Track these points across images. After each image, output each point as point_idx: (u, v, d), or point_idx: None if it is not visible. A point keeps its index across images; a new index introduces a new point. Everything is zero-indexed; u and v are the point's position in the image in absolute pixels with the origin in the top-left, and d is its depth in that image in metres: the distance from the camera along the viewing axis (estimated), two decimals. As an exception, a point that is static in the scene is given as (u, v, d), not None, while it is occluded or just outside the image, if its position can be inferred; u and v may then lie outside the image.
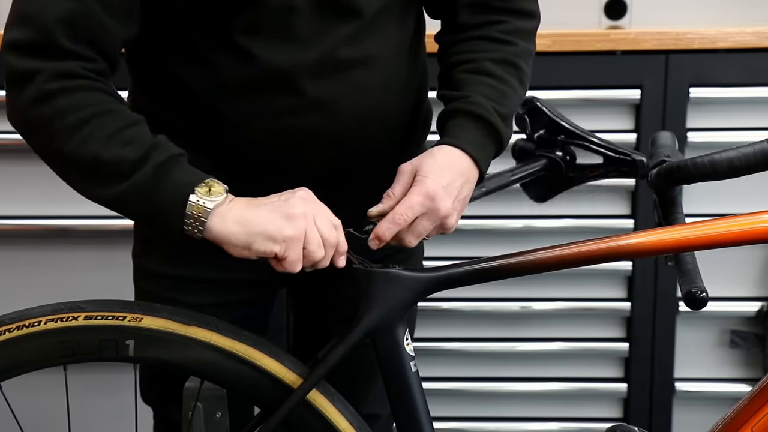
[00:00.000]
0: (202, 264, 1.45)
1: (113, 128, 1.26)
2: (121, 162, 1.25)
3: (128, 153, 1.25)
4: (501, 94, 1.42)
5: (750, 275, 2.30)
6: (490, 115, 1.39)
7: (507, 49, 1.45)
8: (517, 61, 1.46)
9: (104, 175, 1.26)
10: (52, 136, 1.26)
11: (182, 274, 1.48)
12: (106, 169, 1.25)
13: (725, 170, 1.33)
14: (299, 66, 1.34)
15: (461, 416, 2.38)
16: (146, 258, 1.54)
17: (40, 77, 1.25)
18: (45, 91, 1.26)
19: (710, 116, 2.25)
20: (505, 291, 2.28)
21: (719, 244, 1.31)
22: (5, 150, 2.29)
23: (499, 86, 1.43)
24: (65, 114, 1.25)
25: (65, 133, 1.25)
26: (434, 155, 1.36)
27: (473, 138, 1.39)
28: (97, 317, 1.30)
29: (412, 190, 1.33)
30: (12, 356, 1.30)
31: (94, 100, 1.27)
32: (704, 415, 2.06)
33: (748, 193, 2.05)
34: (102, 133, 1.25)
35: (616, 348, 2.34)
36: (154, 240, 1.51)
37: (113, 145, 1.25)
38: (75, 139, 1.25)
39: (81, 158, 1.26)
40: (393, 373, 1.35)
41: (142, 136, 1.27)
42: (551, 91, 2.22)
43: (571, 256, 1.32)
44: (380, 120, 1.43)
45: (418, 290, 1.33)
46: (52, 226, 2.31)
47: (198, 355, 1.32)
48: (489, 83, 1.42)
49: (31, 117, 1.27)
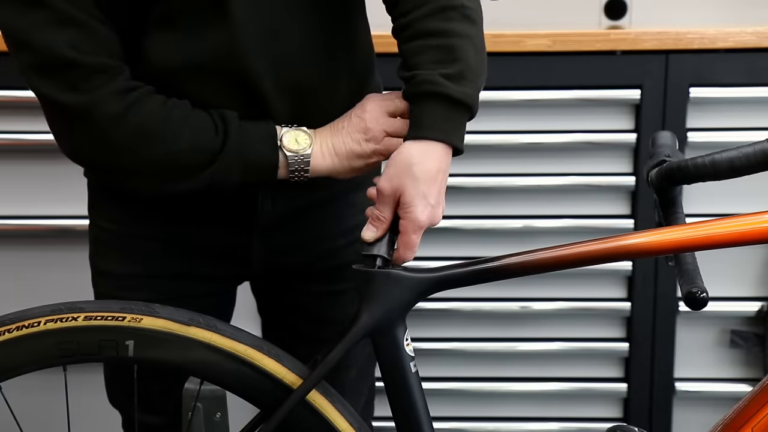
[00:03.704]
0: (154, 261, 1.50)
1: (183, 117, 1.36)
2: (212, 144, 1.36)
3: (212, 134, 1.36)
4: (446, 51, 1.32)
5: (750, 275, 2.30)
6: (437, 87, 1.31)
7: None
8: (452, 2, 1.34)
9: (201, 162, 1.36)
10: (146, 146, 1.35)
11: (135, 272, 1.51)
12: (201, 156, 1.36)
13: (726, 170, 1.33)
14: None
15: (461, 416, 2.38)
16: (100, 258, 1.56)
17: (103, 106, 1.33)
18: (117, 113, 1.34)
19: (710, 116, 2.25)
20: (505, 291, 2.28)
21: (720, 245, 1.31)
22: (5, 150, 2.29)
23: (442, 43, 1.33)
24: (145, 124, 1.35)
25: (157, 139, 1.35)
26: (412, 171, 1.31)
27: (434, 120, 1.32)
28: (96, 318, 1.30)
29: (405, 227, 1.31)
30: (11, 357, 1.30)
31: (158, 102, 1.36)
32: (704, 415, 2.06)
33: (748, 193, 2.05)
34: (181, 126, 1.35)
35: (616, 348, 2.33)
36: (106, 239, 1.54)
37: (200, 131, 1.36)
38: (168, 140, 1.35)
39: (177, 153, 1.35)
40: (393, 374, 1.35)
41: (207, 116, 1.38)
42: (551, 91, 2.22)
43: (571, 256, 1.32)
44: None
45: (419, 290, 1.33)
46: (52, 226, 2.31)
47: (197, 356, 1.32)
48: (429, 45, 1.33)
49: (116, 139, 1.35)
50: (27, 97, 2.22)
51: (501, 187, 2.28)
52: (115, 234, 1.53)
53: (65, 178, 2.28)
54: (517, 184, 2.28)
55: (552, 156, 2.27)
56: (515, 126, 2.26)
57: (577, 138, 2.26)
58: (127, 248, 1.52)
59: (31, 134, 2.26)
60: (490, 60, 1.41)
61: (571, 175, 2.27)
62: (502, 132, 2.26)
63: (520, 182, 2.27)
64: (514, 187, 2.28)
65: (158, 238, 1.51)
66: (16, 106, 2.26)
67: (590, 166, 2.28)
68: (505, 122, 2.25)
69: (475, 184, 2.27)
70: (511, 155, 2.27)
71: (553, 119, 2.25)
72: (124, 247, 1.53)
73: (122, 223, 1.52)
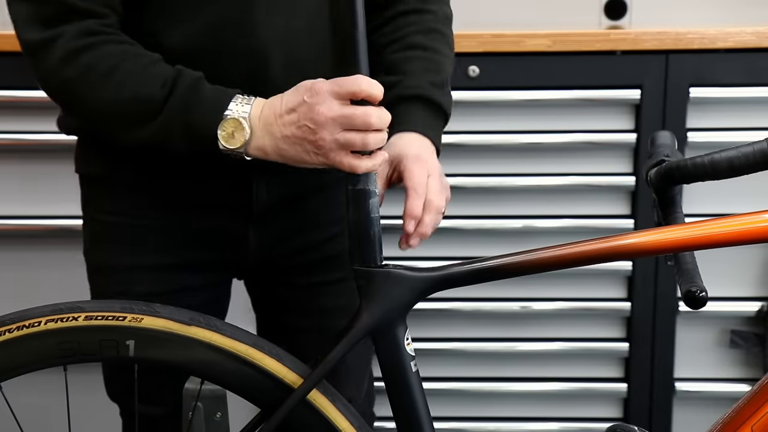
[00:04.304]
0: (151, 251, 1.51)
1: (141, 67, 1.35)
2: (154, 96, 1.33)
3: (158, 86, 1.33)
4: (433, 63, 1.46)
5: (750, 275, 2.30)
6: (426, 92, 1.43)
7: (427, 17, 1.49)
8: (440, 27, 1.50)
9: (144, 113, 1.34)
10: (86, 91, 1.35)
11: (132, 263, 1.52)
12: (143, 106, 1.34)
13: (725, 170, 1.33)
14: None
15: (461, 416, 2.38)
16: (96, 254, 1.57)
17: (62, 40, 1.34)
18: (71, 49, 1.34)
19: (710, 116, 2.25)
20: (505, 291, 2.28)
21: (719, 244, 1.31)
22: (5, 150, 2.29)
23: (430, 56, 1.46)
24: (95, 66, 1.34)
25: (99, 83, 1.35)
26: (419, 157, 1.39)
27: (422, 120, 1.43)
28: (97, 317, 1.30)
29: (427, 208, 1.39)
30: (12, 357, 1.30)
31: (118, 50, 1.35)
32: (704, 415, 2.06)
33: (748, 193, 2.05)
34: (132, 74, 1.34)
35: (616, 348, 2.33)
36: (104, 233, 1.55)
37: (146, 82, 1.34)
38: (110, 86, 1.34)
39: (117, 105, 1.34)
40: (393, 374, 1.35)
41: (166, 70, 1.35)
42: (551, 91, 2.22)
43: (571, 256, 1.32)
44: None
45: (419, 290, 1.33)
46: (52, 226, 2.31)
47: (198, 355, 1.31)
48: (419, 56, 1.45)
49: (62, 77, 1.36)
50: (27, 97, 2.24)
51: (501, 187, 2.28)
52: (113, 226, 1.54)
53: (65, 178, 2.27)
54: (517, 184, 2.28)
55: (552, 156, 2.27)
56: (515, 126, 2.26)
57: (577, 138, 2.26)
58: (126, 239, 1.53)
59: (31, 134, 2.26)
60: (491, 59, 1.44)
61: (571, 175, 2.27)
62: (502, 132, 2.26)
63: (520, 182, 2.27)
64: (514, 187, 2.28)
65: (157, 228, 1.52)
66: (16, 106, 2.26)
67: (590, 166, 2.28)
68: (505, 122, 2.25)
69: (475, 184, 2.27)
70: (511, 155, 2.27)
71: (553, 119, 2.25)
72: (123, 238, 1.53)
73: (121, 215, 1.53)
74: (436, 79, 1.45)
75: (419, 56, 1.46)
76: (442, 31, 1.50)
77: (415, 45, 1.46)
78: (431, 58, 1.46)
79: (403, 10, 1.49)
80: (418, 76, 1.44)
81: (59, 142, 2.25)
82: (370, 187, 1.31)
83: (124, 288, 1.50)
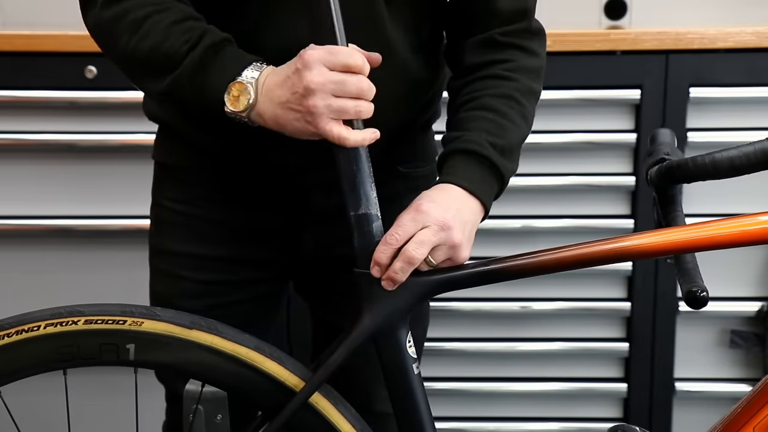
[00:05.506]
0: (212, 242, 1.54)
1: (169, 22, 1.35)
2: (177, 51, 1.34)
3: (181, 42, 1.34)
4: (499, 127, 1.41)
5: (750, 275, 2.30)
6: (482, 149, 1.38)
7: (508, 84, 1.44)
8: (518, 96, 1.44)
9: (163, 65, 1.35)
10: (118, 35, 1.37)
11: (193, 252, 1.55)
12: (163, 58, 1.34)
13: (726, 169, 1.32)
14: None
15: (461, 416, 2.38)
16: (159, 237, 1.61)
17: None
18: None
19: (710, 116, 2.25)
20: (505, 291, 2.28)
21: (720, 246, 1.31)
22: (5, 150, 2.29)
23: (498, 119, 1.41)
24: (126, 14, 1.36)
25: (127, 31, 1.36)
26: (419, 207, 1.32)
27: (470, 174, 1.38)
28: (97, 321, 1.29)
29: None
30: (11, 361, 1.29)
31: (158, 0, 1.37)
32: (704, 415, 2.06)
33: (748, 193, 2.06)
34: (159, 27, 1.35)
35: (616, 348, 2.34)
36: (167, 219, 1.58)
37: (170, 35, 1.34)
38: (136, 36, 1.35)
39: (142, 53, 1.35)
40: (395, 376, 1.35)
41: (194, 27, 1.35)
42: (551, 91, 2.22)
43: (572, 258, 1.32)
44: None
45: (420, 293, 1.33)
46: (52, 226, 2.31)
47: (199, 359, 1.31)
48: (486, 117, 1.41)
49: (100, 17, 1.39)
50: (27, 97, 2.24)
51: (501, 187, 2.28)
52: (176, 214, 1.57)
53: (65, 178, 2.29)
54: (517, 184, 2.27)
55: (552, 156, 2.27)
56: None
57: (577, 138, 2.26)
58: (189, 228, 1.56)
59: (31, 134, 2.26)
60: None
61: (571, 175, 2.27)
62: (502, 132, 2.26)
63: (520, 182, 2.27)
64: (514, 187, 2.25)
65: (216, 221, 1.54)
66: (16, 106, 2.26)
67: (590, 166, 2.28)
68: (505, 122, 2.25)
69: (475, 184, 2.27)
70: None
71: (553, 119, 2.24)
72: (187, 227, 1.56)
73: (187, 204, 1.56)
74: (499, 141, 1.40)
75: (485, 117, 1.41)
76: (519, 100, 1.44)
77: (486, 107, 1.42)
78: (498, 122, 1.41)
79: (487, 74, 1.45)
80: (479, 134, 1.39)
81: (59, 142, 2.26)
82: (372, 211, 1.31)
83: (184, 272, 1.55)
